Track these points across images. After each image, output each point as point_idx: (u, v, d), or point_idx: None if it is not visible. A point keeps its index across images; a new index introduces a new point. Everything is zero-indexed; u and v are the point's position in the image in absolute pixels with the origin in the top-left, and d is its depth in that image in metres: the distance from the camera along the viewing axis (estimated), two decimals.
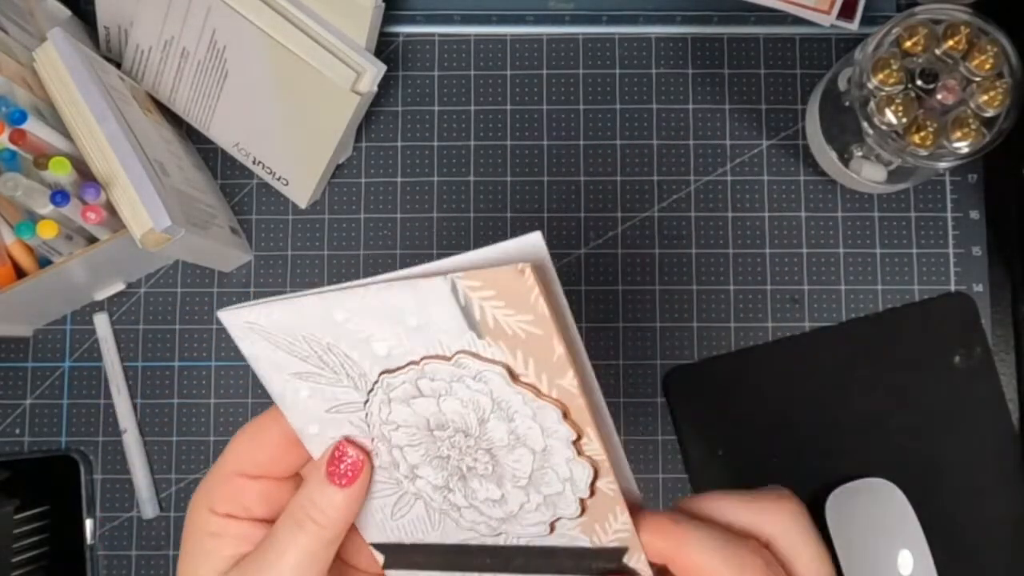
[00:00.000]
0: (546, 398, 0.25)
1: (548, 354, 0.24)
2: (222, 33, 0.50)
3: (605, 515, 0.27)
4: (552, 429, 0.26)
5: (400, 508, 0.30)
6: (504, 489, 0.28)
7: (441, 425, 0.27)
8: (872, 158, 0.50)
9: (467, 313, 0.24)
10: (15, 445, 0.54)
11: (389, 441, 0.28)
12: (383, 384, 0.27)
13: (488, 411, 0.26)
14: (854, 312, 0.54)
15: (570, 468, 0.26)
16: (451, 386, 0.26)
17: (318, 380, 0.28)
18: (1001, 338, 0.54)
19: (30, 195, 0.43)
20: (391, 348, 0.26)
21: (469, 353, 0.25)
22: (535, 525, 0.28)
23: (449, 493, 0.29)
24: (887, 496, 0.51)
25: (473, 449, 0.27)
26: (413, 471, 0.29)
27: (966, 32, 0.44)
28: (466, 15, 0.56)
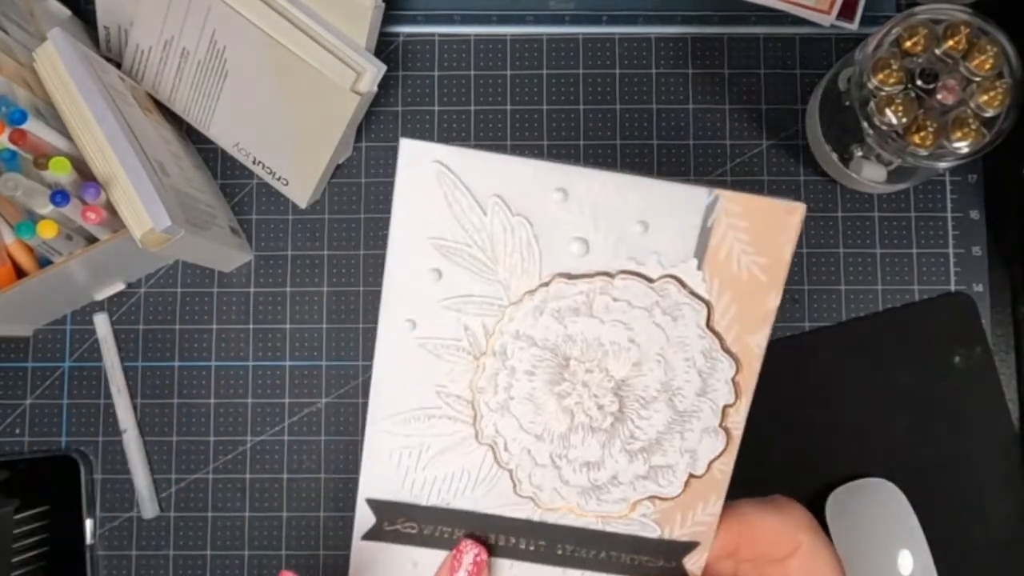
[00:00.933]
0: (728, 352, 0.24)
1: (758, 305, 0.24)
2: (222, 33, 0.50)
3: (698, 502, 0.26)
4: (713, 388, 0.25)
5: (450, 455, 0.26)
6: (608, 451, 0.25)
7: (587, 356, 0.24)
8: (872, 158, 0.50)
9: (705, 236, 0.23)
10: (15, 445, 0.54)
11: (506, 360, 0.25)
12: (552, 289, 0.24)
13: (654, 353, 0.24)
14: (854, 312, 0.54)
15: (701, 438, 0.25)
16: (633, 312, 0.24)
17: (464, 258, 0.24)
18: (1001, 338, 0.54)
19: (30, 195, 0.43)
20: (591, 249, 0.23)
21: (678, 280, 0.24)
22: (615, 503, 0.25)
23: (535, 443, 0.25)
24: (887, 496, 0.51)
25: (606, 393, 0.25)
26: (508, 405, 0.25)
27: (966, 32, 0.44)
28: (466, 15, 0.56)
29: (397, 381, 0.26)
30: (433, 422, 0.26)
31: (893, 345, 0.54)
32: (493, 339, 0.25)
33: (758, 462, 0.43)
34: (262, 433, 0.54)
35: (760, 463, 0.43)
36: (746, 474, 0.52)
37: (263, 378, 0.55)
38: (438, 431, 0.26)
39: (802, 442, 0.53)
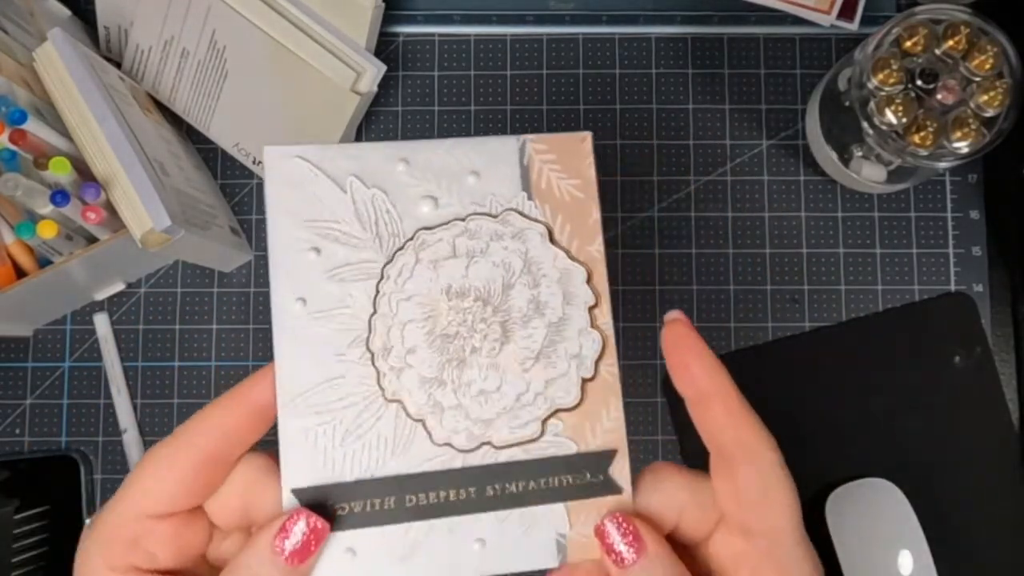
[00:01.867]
0: (575, 260, 0.29)
1: (585, 218, 0.29)
2: (222, 33, 0.50)
3: (599, 409, 0.28)
4: (573, 294, 0.29)
5: (361, 424, 0.27)
6: (504, 377, 0.28)
7: (462, 292, 0.28)
8: (872, 158, 0.50)
9: (525, 174, 0.29)
10: (15, 445, 0.54)
11: (393, 316, 0.28)
12: (416, 242, 0.28)
13: (517, 274, 0.28)
14: (854, 312, 0.54)
15: (580, 341, 0.28)
16: (488, 245, 0.28)
17: (338, 235, 0.28)
18: (1001, 338, 0.54)
19: (30, 195, 0.43)
20: (441, 204, 0.28)
21: (517, 211, 0.29)
22: (525, 425, 0.28)
23: (438, 388, 0.28)
24: (887, 496, 0.51)
25: (487, 323, 0.28)
26: (406, 357, 0.28)
27: (966, 32, 0.44)
28: (466, 15, 0.56)
29: (299, 360, 0.28)
30: (340, 391, 0.28)
31: (893, 345, 0.54)
32: (378, 299, 0.28)
33: None
34: None
35: None
36: None
37: None
38: (346, 400, 0.28)
39: (802, 442, 0.53)
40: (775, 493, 0.28)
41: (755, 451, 0.28)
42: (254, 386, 0.29)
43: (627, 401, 0.28)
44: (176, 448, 0.28)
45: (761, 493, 0.28)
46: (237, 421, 0.28)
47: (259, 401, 0.28)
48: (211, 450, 0.28)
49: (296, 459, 0.27)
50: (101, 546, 0.28)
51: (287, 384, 0.28)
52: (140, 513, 0.27)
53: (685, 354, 0.28)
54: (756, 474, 0.28)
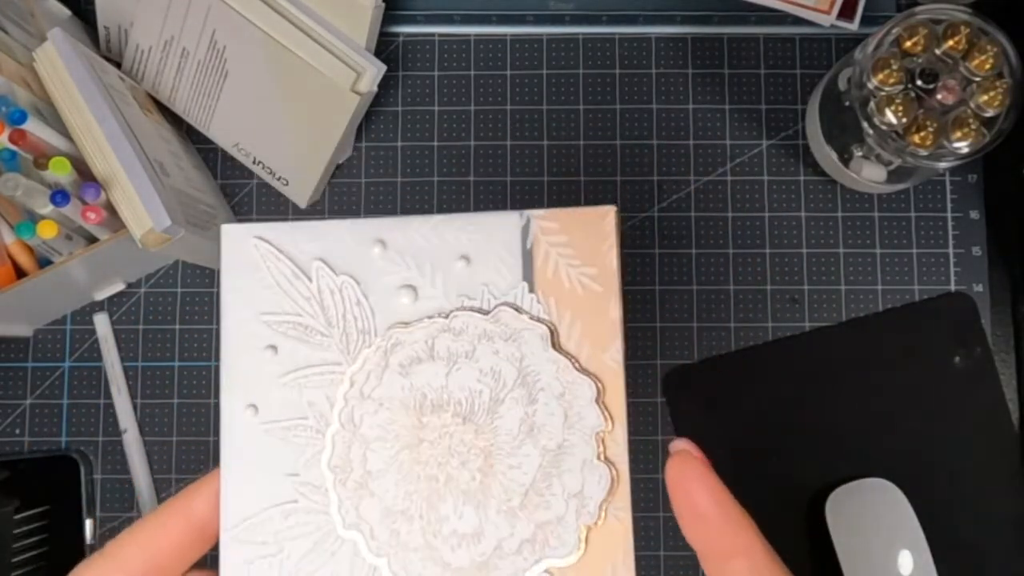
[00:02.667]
0: (584, 372, 0.23)
1: (600, 317, 0.23)
2: (222, 33, 0.50)
3: (603, 565, 0.22)
4: (578, 415, 0.23)
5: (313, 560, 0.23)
6: (484, 515, 0.22)
7: (439, 406, 0.23)
8: (872, 158, 0.50)
9: (528, 259, 0.23)
10: (15, 445, 0.54)
11: (355, 431, 0.23)
12: (389, 340, 0.23)
13: (509, 386, 0.23)
14: (854, 312, 0.54)
15: (584, 477, 0.22)
16: (475, 348, 0.23)
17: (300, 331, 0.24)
18: (1001, 338, 0.54)
19: (30, 195, 0.43)
20: (421, 296, 0.23)
21: (513, 307, 0.23)
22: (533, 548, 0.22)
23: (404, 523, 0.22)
24: (887, 496, 0.51)
25: (467, 446, 0.22)
26: (367, 483, 0.23)
27: (966, 32, 0.44)
28: (466, 15, 0.56)
29: (246, 478, 0.24)
30: (290, 519, 0.23)
31: (893, 345, 0.54)
32: (339, 410, 0.23)
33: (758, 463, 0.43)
34: None
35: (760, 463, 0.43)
36: (746, 475, 0.52)
37: None
38: (296, 530, 0.23)
39: (802, 442, 0.53)
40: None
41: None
42: (193, 499, 0.25)
43: (627, 401, 0.23)
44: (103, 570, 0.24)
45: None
46: (173, 539, 0.25)
47: (199, 516, 0.25)
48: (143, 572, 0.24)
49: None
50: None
51: (232, 505, 0.24)
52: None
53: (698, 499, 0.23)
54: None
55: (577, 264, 0.23)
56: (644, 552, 0.53)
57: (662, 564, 0.52)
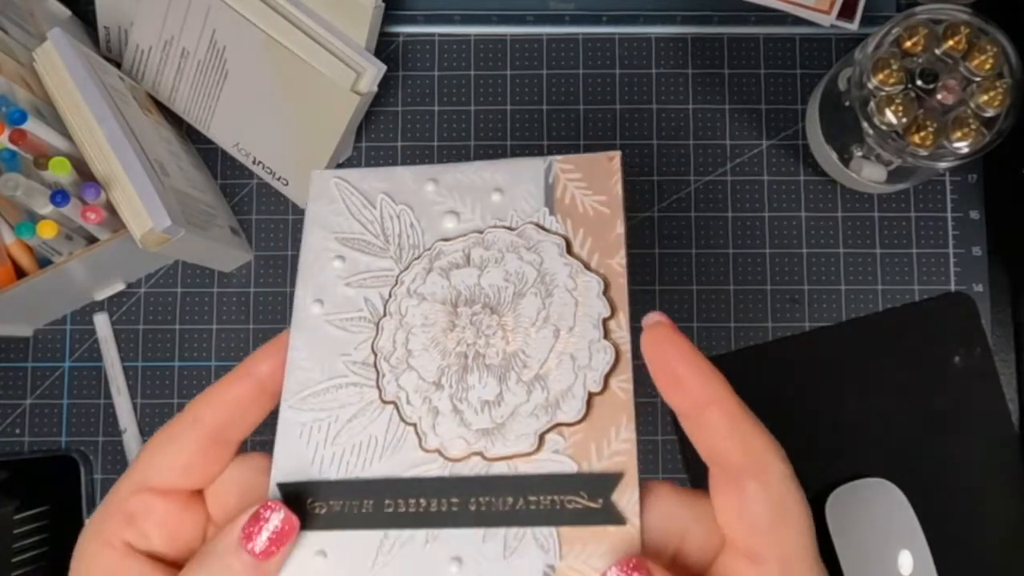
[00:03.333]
0: (592, 271, 0.28)
1: (607, 232, 0.28)
2: (222, 33, 0.50)
3: (607, 427, 0.26)
4: (587, 305, 0.27)
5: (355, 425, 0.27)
6: (505, 385, 0.27)
7: (471, 300, 0.28)
8: (872, 158, 0.50)
9: (550, 191, 0.29)
10: (15, 445, 0.54)
11: (401, 318, 0.28)
12: (433, 252, 0.29)
13: (529, 284, 0.28)
14: (854, 312, 0.54)
15: (591, 354, 0.27)
16: (503, 255, 0.28)
17: (363, 245, 0.29)
18: (1001, 338, 0.54)
19: (30, 195, 0.43)
20: (462, 219, 0.29)
21: (536, 224, 0.29)
22: (520, 439, 0.26)
23: (435, 392, 0.27)
24: (887, 496, 0.51)
25: (493, 330, 0.27)
26: (407, 360, 0.27)
27: (966, 32, 0.44)
28: (466, 15, 0.56)
29: (308, 359, 0.28)
30: (340, 392, 0.28)
31: (893, 345, 0.54)
32: (389, 302, 0.28)
33: None
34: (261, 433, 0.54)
35: None
36: None
37: None
38: (344, 400, 0.28)
39: (802, 442, 0.53)
40: (787, 514, 0.25)
41: (763, 464, 0.25)
42: (260, 361, 0.28)
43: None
44: (182, 424, 0.28)
45: (772, 514, 0.24)
46: (240, 395, 0.28)
47: (264, 376, 0.28)
48: (215, 425, 0.27)
49: (288, 454, 0.27)
50: (100, 520, 0.27)
51: (295, 379, 0.28)
52: (141, 486, 0.27)
53: (671, 360, 0.26)
54: (765, 492, 0.25)
55: (589, 194, 0.28)
56: None
57: None
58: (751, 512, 0.24)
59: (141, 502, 0.27)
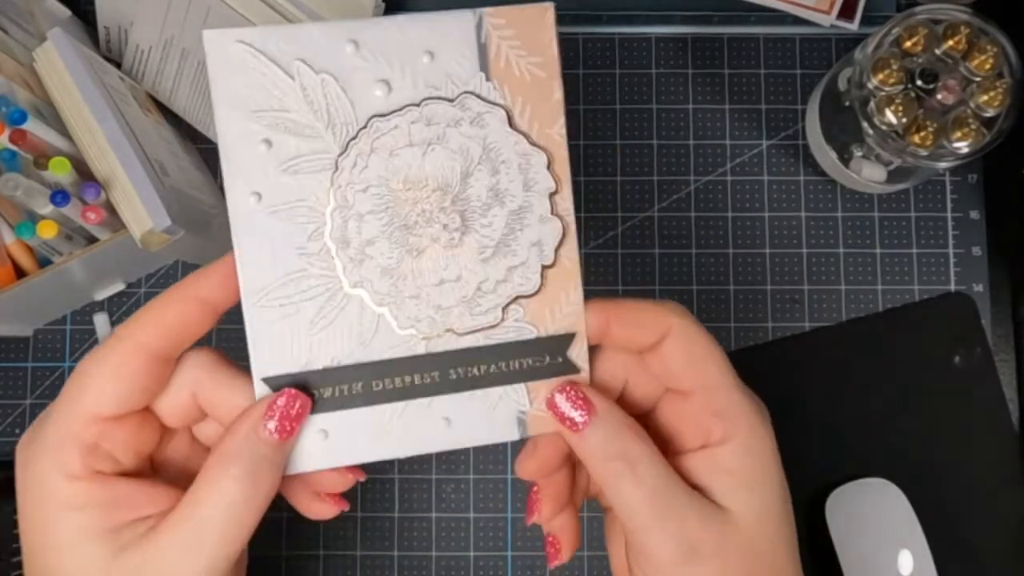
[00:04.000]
0: (535, 145, 0.28)
1: (546, 99, 0.28)
2: None
3: (559, 293, 0.29)
4: (534, 180, 0.28)
5: (326, 315, 0.28)
6: (464, 265, 0.28)
7: (419, 182, 0.28)
8: (872, 158, 0.50)
9: (483, 52, 0.27)
10: (15, 445, 0.54)
11: (349, 208, 0.28)
12: (370, 130, 0.27)
13: (476, 162, 0.28)
14: (854, 312, 0.54)
15: (540, 229, 0.28)
16: (445, 132, 0.28)
17: (289, 124, 0.27)
18: (1001, 338, 0.54)
19: (30, 195, 0.43)
20: (394, 88, 0.27)
21: (474, 94, 0.28)
22: (486, 313, 0.28)
23: (399, 278, 0.28)
24: (887, 496, 0.51)
25: (446, 212, 0.28)
26: (364, 250, 0.28)
27: (966, 32, 0.44)
28: None
29: (258, 255, 0.28)
30: (302, 284, 0.28)
31: (893, 345, 0.54)
32: (333, 191, 0.28)
33: None
34: None
35: None
36: None
37: None
38: (309, 292, 0.28)
39: (802, 442, 0.53)
40: (699, 352, 0.29)
41: (668, 324, 0.29)
42: (199, 281, 0.29)
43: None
44: (121, 349, 0.27)
45: (685, 356, 0.29)
46: (181, 317, 0.28)
47: (205, 296, 0.28)
48: (156, 347, 0.28)
49: (264, 350, 0.28)
50: (51, 452, 0.27)
51: (250, 279, 0.28)
52: (93, 416, 0.27)
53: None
54: (675, 341, 0.29)
55: (524, 55, 0.28)
56: None
57: None
58: (670, 363, 0.29)
59: (99, 432, 0.27)
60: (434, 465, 0.54)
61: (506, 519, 0.53)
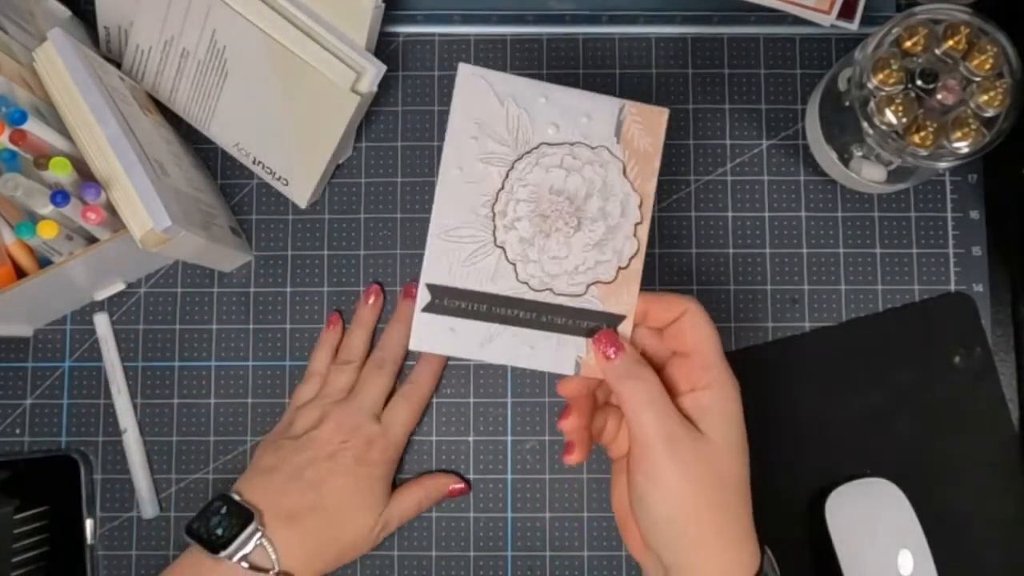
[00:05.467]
0: (635, 190, 0.42)
1: (649, 165, 0.42)
2: (222, 33, 0.50)
3: (623, 287, 0.42)
4: (628, 212, 0.42)
5: (478, 255, 0.41)
6: (571, 252, 0.41)
7: (558, 192, 0.41)
8: (872, 158, 0.50)
9: (619, 126, 0.41)
10: (15, 445, 0.54)
11: (512, 194, 0.41)
12: (540, 151, 0.41)
13: (596, 189, 0.41)
14: (854, 312, 0.54)
15: (624, 243, 0.42)
16: (583, 166, 0.41)
17: (491, 133, 0.41)
18: (1001, 338, 0.54)
19: (30, 195, 0.43)
20: (560, 130, 0.41)
21: (607, 149, 0.41)
22: (576, 284, 0.42)
23: (528, 247, 0.41)
24: (887, 496, 0.51)
25: (569, 214, 0.41)
26: (514, 222, 0.41)
27: (966, 32, 0.44)
28: (466, 15, 0.56)
29: (448, 207, 0.41)
30: (469, 231, 0.41)
31: (893, 345, 0.54)
32: (506, 180, 0.41)
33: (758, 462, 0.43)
34: (262, 433, 0.54)
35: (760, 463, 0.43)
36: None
37: (263, 378, 0.55)
38: (471, 239, 0.41)
39: (802, 442, 0.53)
40: (701, 329, 0.41)
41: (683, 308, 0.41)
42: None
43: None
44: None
45: (692, 330, 0.41)
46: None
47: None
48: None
49: (433, 267, 0.41)
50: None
51: (440, 220, 0.41)
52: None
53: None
54: (688, 319, 0.41)
55: (643, 135, 0.42)
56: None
57: None
58: (681, 330, 0.41)
59: None
60: (434, 465, 0.54)
61: (506, 519, 0.53)
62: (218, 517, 0.46)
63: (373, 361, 0.53)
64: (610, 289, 0.42)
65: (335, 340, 0.54)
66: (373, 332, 0.54)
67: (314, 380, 0.53)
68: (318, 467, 0.48)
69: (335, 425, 0.50)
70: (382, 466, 0.50)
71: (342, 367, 0.52)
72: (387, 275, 0.55)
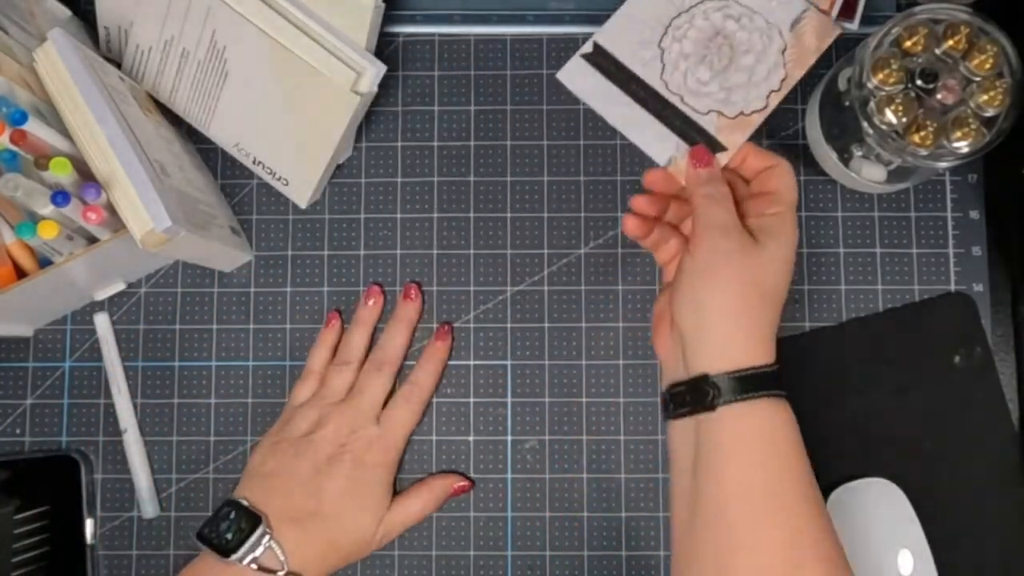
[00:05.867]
0: (785, 68, 0.48)
1: (804, 59, 0.48)
2: (222, 33, 0.50)
3: (737, 129, 0.47)
4: (772, 79, 0.48)
5: (642, 46, 0.48)
6: (713, 82, 0.48)
7: (725, 36, 0.48)
8: (872, 158, 0.50)
9: (797, 20, 0.48)
10: (15, 445, 0.54)
11: (692, 20, 0.48)
12: (727, 3, 0.48)
13: (756, 49, 0.48)
14: (854, 312, 0.54)
15: (755, 99, 0.48)
16: (755, 29, 0.48)
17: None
18: (1001, 338, 0.54)
19: (31, 195, 0.43)
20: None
21: (779, 30, 0.48)
22: (703, 105, 0.47)
23: (682, 59, 0.48)
24: (887, 496, 0.51)
25: (726, 56, 0.48)
26: (682, 38, 0.48)
27: (966, 32, 0.44)
28: (466, 15, 0.56)
29: (624, 31, 0.48)
30: (649, 26, 0.48)
31: (893, 345, 0.54)
32: (678, 30, 0.48)
33: None
34: (262, 433, 0.54)
35: None
36: None
37: (263, 378, 0.55)
38: (645, 28, 0.48)
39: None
40: (784, 179, 0.45)
41: (775, 161, 0.46)
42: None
43: (627, 401, 0.43)
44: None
45: (778, 177, 0.46)
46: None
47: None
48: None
49: (608, 31, 0.48)
50: None
51: (611, 41, 0.48)
52: None
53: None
54: (777, 170, 0.46)
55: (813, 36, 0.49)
56: (642, 513, 0.53)
57: (660, 524, 0.53)
58: (769, 176, 0.46)
59: None
60: (434, 465, 0.54)
61: (506, 519, 0.53)
62: (227, 522, 0.46)
63: (372, 362, 0.52)
64: (727, 124, 0.47)
65: (334, 339, 0.54)
66: (372, 332, 0.54)
67: (312, 379, 0.53)
68: (317, 472, 0.48)
69: (334, 428, 0.50)
70: (381, 468, 0.50)
71: (341, 367, 0.52)
72: (387, 275, 0.55)
